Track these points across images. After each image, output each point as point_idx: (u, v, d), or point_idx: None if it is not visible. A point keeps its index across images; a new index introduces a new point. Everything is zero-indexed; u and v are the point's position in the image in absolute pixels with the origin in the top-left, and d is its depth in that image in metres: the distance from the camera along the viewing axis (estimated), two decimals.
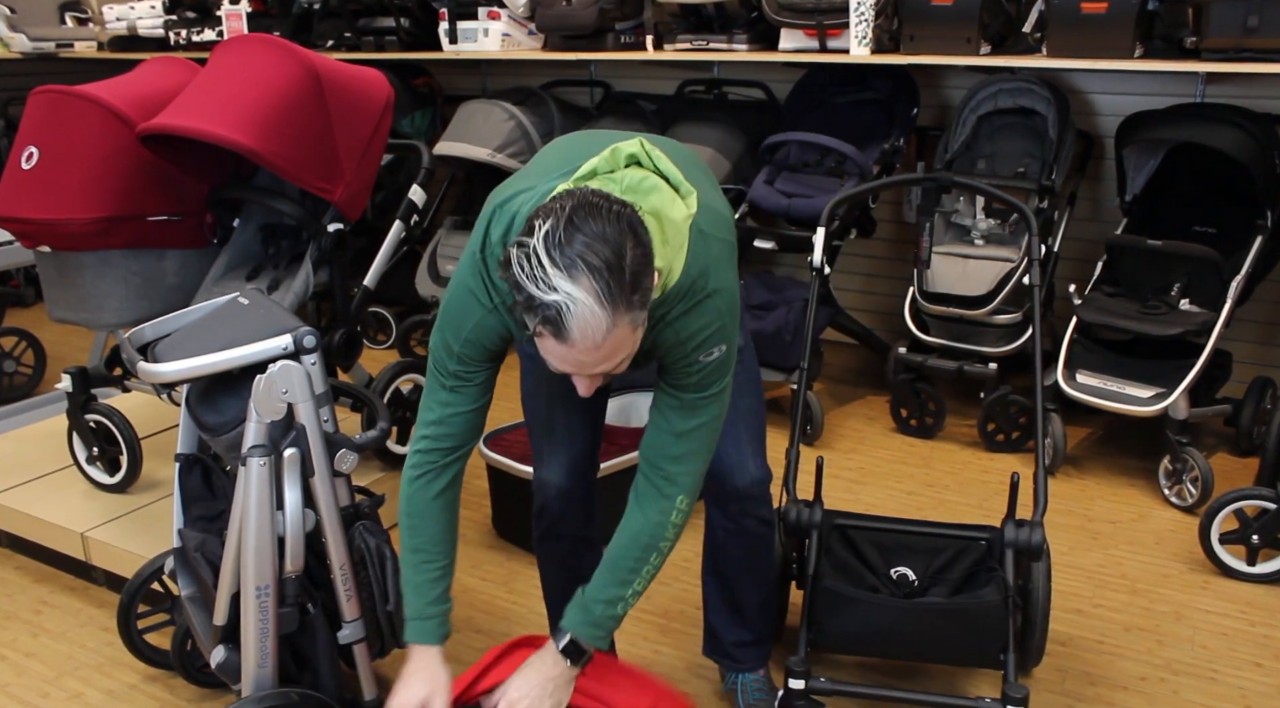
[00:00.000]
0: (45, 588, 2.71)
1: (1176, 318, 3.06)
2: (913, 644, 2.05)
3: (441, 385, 1.67)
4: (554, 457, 1.94)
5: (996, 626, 1.97)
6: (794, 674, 1.96)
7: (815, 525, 2.15)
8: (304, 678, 1.98)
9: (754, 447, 1.92)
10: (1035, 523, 2.07)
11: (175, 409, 3.24)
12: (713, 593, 2.10)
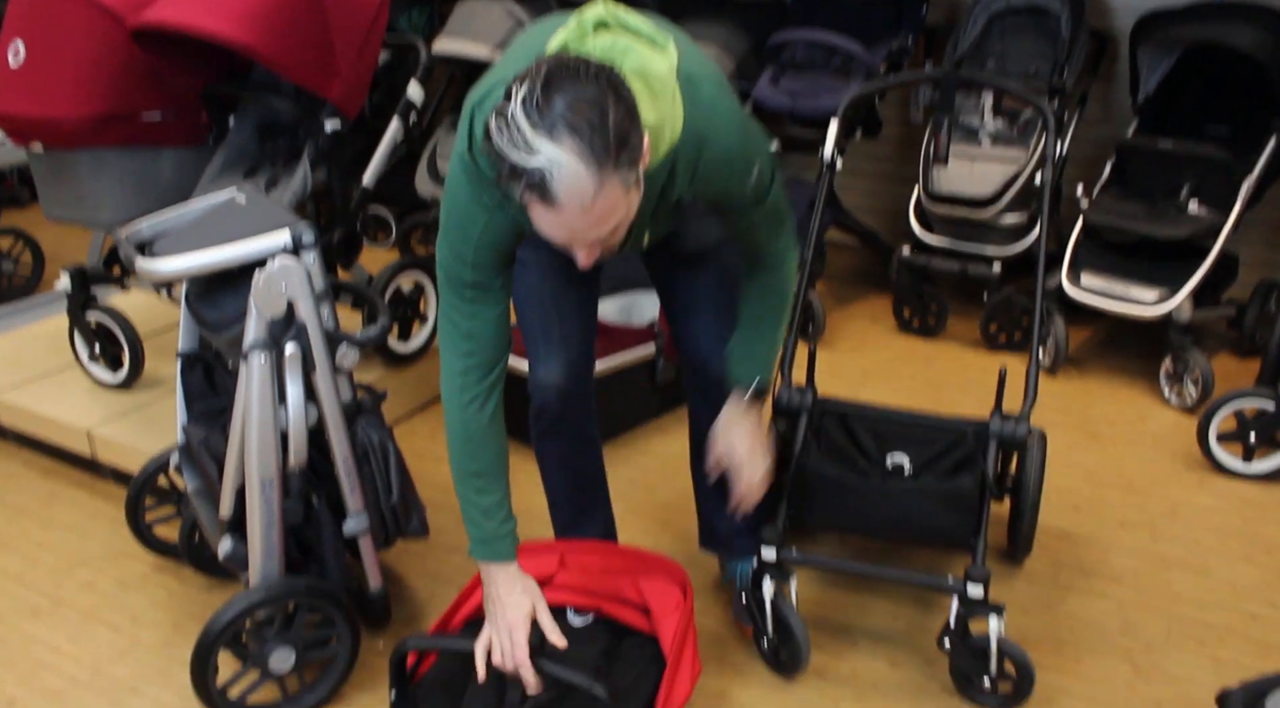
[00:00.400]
0: (53, 482, 2.75)
1: (1184, 220, 3.03)
2: (888, 525, 2.08)
3: (462, 298, 1.61)
4: (551, 357, 1.93)
5: (968, 510, 1.99)
6: (766, 543, 1.98)
7: (805, 409, 2.18)
8: (310, 569, 2.02)
9: (726, 336, 1.93)
10: (1021, 417, 2.08)
11: (176, 308, 3.24)
12: (703, 485, 2.14)
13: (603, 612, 1.95)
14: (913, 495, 2.04)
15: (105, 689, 2.01)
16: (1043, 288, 2.20)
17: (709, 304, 1.95)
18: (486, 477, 1.67)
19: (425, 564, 2.39)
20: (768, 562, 1.99)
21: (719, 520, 2.16)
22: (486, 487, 1.67)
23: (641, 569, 1.98)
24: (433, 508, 2.59)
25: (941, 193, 3.40)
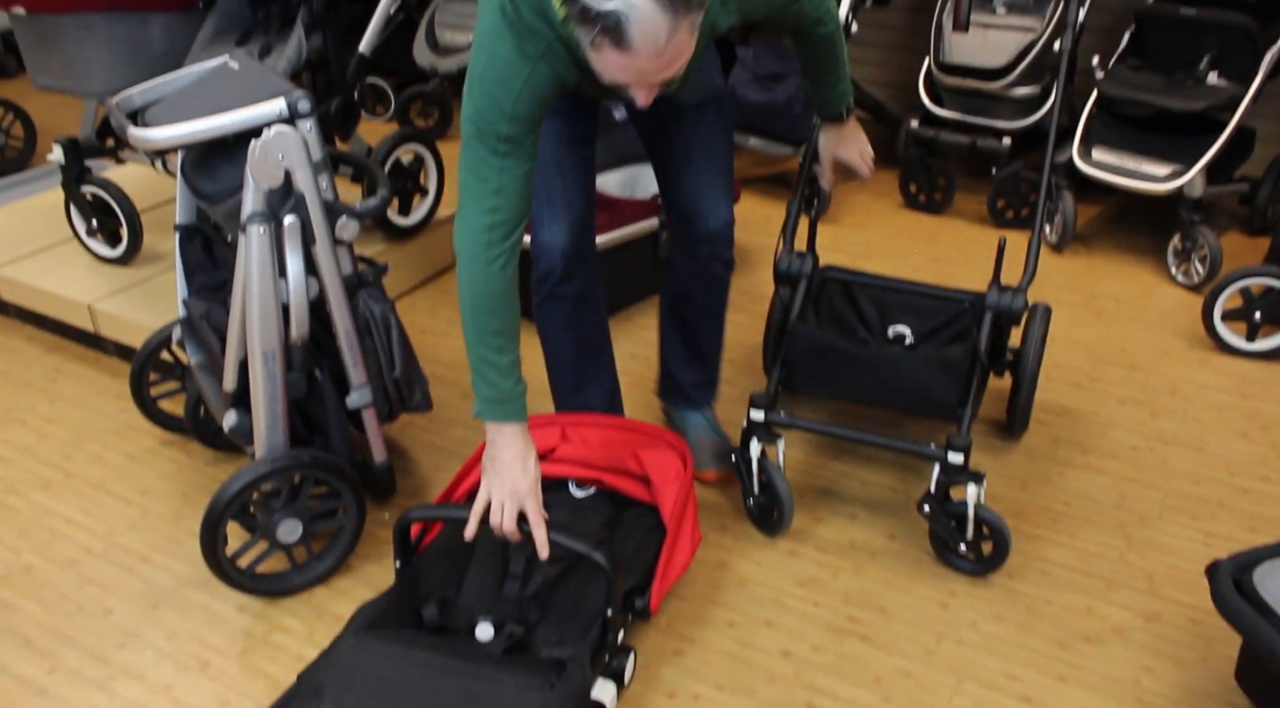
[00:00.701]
0: (58, 358, 2.75)
1: (1202, 92, 2.95)
2: (877, 392, 2.07)
3: (494, 152, 1.58)
4: (555, 220, 1.94)
5: (954, 380, 1.98)
6: (755, 406, 2.00)
7: (805, 275, 2.19)
8: (315, 442, 2.03)
9: (725, 193, 2.03)
10: (1019, 289, 2.05)
11: (172, 181, 3.20)
12: (672, 337, 2.24)
13: (604, 484, 1.98)
14: (902, 363, 2.04)
15: (118, 559, 2.05)
16: (1052, 158, 2.16)
17: (705, 155, 1.97)
18: (505, 336, 1.66)
19: (429, 438, 2.41)
20: (756, 423, 2.01)
21: (681, 373, 2.26)
22: (505, 346, 1.66)
23: (642, 441, 2.01)
24: (436, 382, 2.61)
25: (953, 64, 3.31)
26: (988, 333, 2.05)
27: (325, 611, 1.92)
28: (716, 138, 1.98)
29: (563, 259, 1.96)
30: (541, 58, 1.53)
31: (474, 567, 1.84)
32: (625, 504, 1.97)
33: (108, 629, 1.88)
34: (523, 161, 1.60)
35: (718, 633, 1.86)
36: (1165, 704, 1.71)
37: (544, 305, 2.04)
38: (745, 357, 2.72)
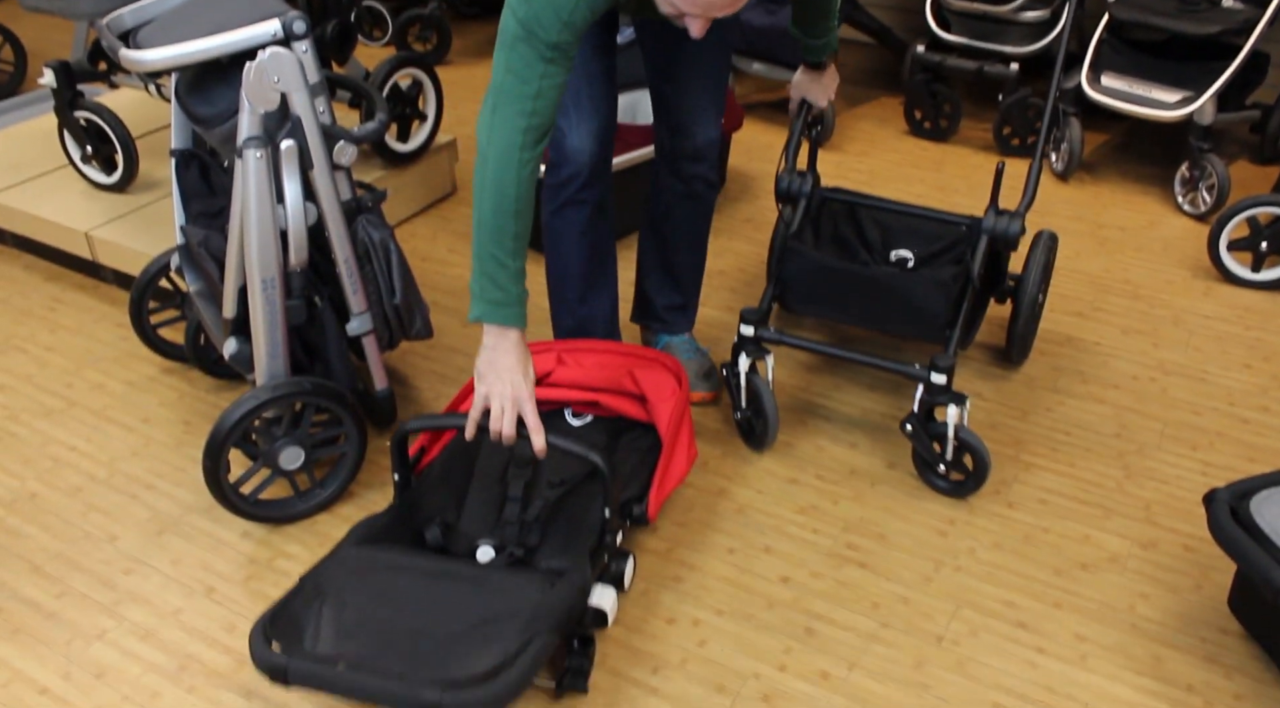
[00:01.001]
0: (56, 286, 2.74)
1: (1216, 15, 2.89)
2: (867, 312, 2.08)
3: (541, 58, 1.57)
4: (583, 125, 1.95)
5: (942, 300, 1.98)
6: (745, 321, 2.03)
7: (805, 195, 2.19)
8: (316, 369, 2.03)
9: (715, 110, 2.05)
10: (1016, 214, 2.03)
11: (167, 108, 3.15)
12: (650, 259, 2.25)
13: (601, 406, 2.00)
14: (892, 281, 2.03)
15: (122, 486, 2.06)
16: (1059, 82, 2.14)
17: (700, 73, 1.99)
18: (520, 241, 1.66)
19: (430, 365, 2.41)
20: (745, 337, 2.03)
21: (657, 295, 2.28)
22: (518, 251, 1.66)
23: (638, 363, 2.03)
24: (436, 310, 2.60)
25: None
26: (982, 257, 2.04)
27: (329, 537, 1.93)
28: (715, 58, 1.99)
29: (589, 164, 1.97)
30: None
31: (473, 492, 1.86)
32: (622, 429, 1.99)
33: (114, 555, 1.90)
34: (564, 70, 1.61)
35: (717, 559, 1.88)
36: (1159, 630, 1.74)
37: (562, 211, 2.04)
38: (746, 284, 2.70)
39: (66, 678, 1.66)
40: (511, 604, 1.54)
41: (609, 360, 2.04)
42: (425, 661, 1.46)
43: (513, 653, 1.44)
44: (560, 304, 2.17)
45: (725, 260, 2.81)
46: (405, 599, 1.56)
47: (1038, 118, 3.30)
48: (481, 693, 1.37)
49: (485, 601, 1.55)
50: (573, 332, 2.18)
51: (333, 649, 1.47)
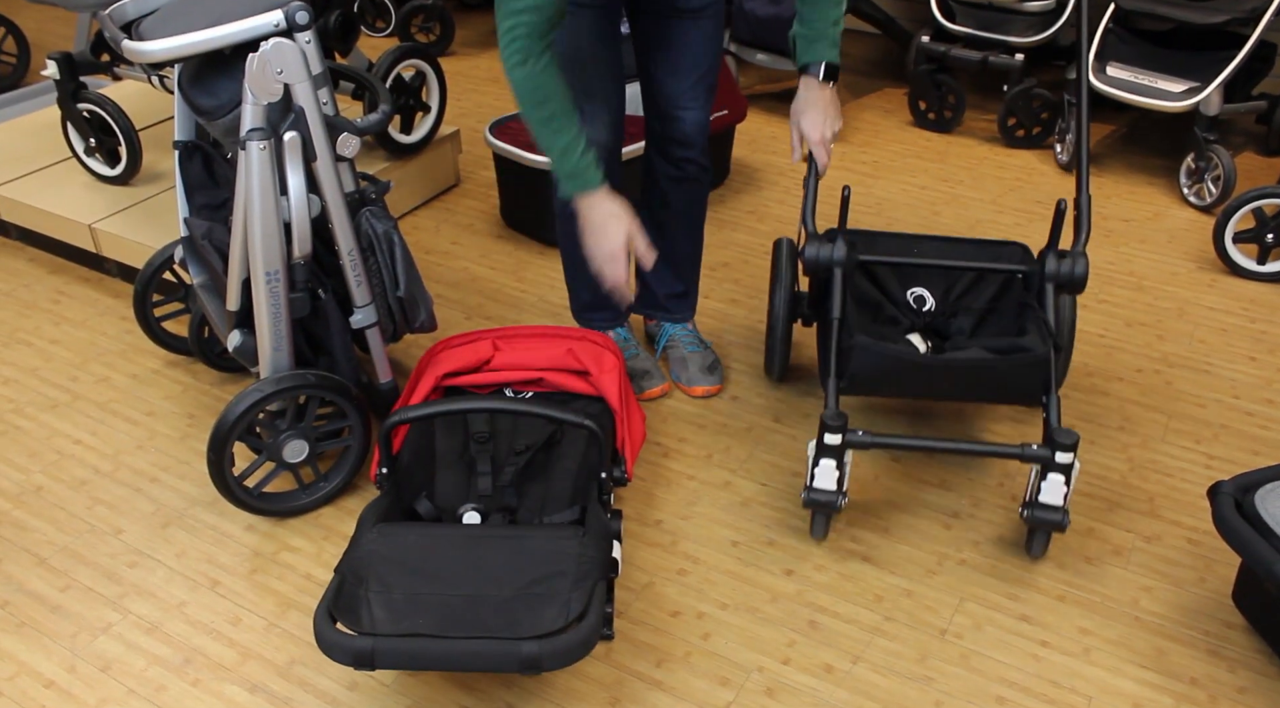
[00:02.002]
0: (60, 279, 2.74)
1: (1223, 5, 2.88)
2: (948, 392, 1.94)
3: None
4: (596, 117, 1.97)
5: (1040, 374, 1.83)
6: (830, 429, 1.77)
7: (839, 263, 1.96)
8: (320, 362, 2.03)
9: (706, 98, 2.05)
10: (1078, 253, 1.89)
11: (171, 100, 3.14)
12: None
13: (544, 382, 2.06)
14: (990, 367, 1.86)
15: (127, 479, 2.07)
16: (1084, 79, 1.98)
17: (692, 58, 1.99)
18: (558, 120, 1.71)
19: None
20: (829, 446, 1.79)
21: (658, 284, 2.29)
22: (561, 127, 1.71)
23: (573, 341, 2.09)
24: (440, 303, 2.60)
25: None
26: (1052, 306, 1.91)
27: (333, 530, 1.94)
28: (707, 43, 1.99)
29: (604, 155, 1.97)
30: None
31: (440, 471, 1.91)
32: (569, 399, 2.05)
33: (119, 549, 1.90)
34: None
35: (721, 552, 1.88)
36: (1162, 624, 1.74)
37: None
38: (750, 275, 2.70)
39: (72, 671, 1.67)
40: (555, 560, 1.58)
41: (545, 342, 2.10)
42: (495, 625, 1.48)
43: (580, 603, 1.50)
44: (577, 281, 2.24)
45: (729, 252, 2.80)
46: (448, 571, 1.58)
47: (1043, 108, 3.29)
48: (573, 638, 1.44)
49: (528, 560, 1.59)
50: (590, 305, 2.26)
51: (393, 630, 1.48)
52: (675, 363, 2.31)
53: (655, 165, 2.15)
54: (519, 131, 2.79)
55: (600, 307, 2.25)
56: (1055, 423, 1.82)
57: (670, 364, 2.33)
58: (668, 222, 2.21)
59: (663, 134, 2.08)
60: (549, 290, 2.65)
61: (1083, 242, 1.92)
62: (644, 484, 2.04)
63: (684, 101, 2.03)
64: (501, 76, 4.02)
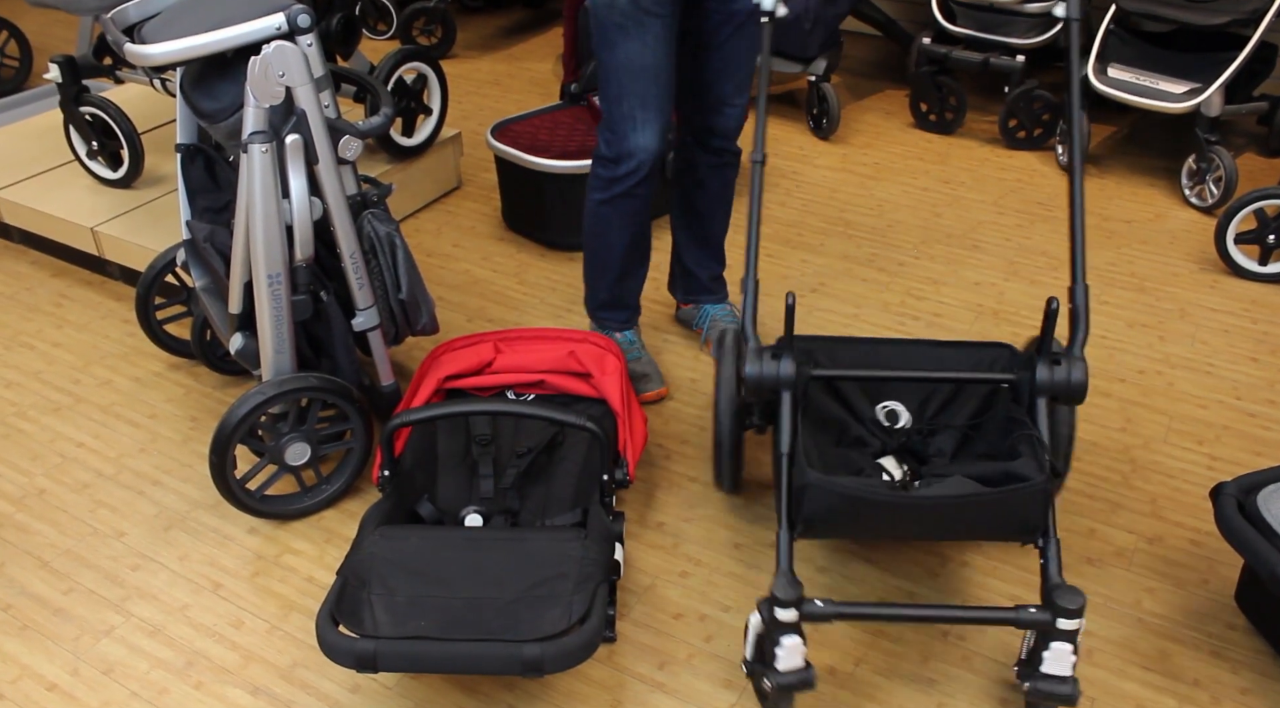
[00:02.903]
0: (63, 282, 2.74)
1: (1224, 6, 2.88)
2: (925, 531, 1.68)
3: None
4: (649, 123, 2.00)
5: (1036, 509, 1.52)
6: (781, 604, 1.46)
7: (787, 384, 1.65)
8: (322, 365, 2.03)
9: (746, 93, 2.14)
10: (1075, 358, 1.61)
11: (173, 102, 3.14)
12: (687, 236, 2.36)
13: (545, 385, 2.07)
14: (978, 501, 1.54)
15: (129, 482, 2.07)
16: (1074, 82, 1.83)
17: (740, 60, 2.07)
18: None
19: None
20: (784, 624, 1.47)
21: (698, 267, 2.38)
22: None
23: (574, 343, 2.10)
24: (442, 305, 2.60)
25: None
26: (1046, 421, 1.62)
27: (335, 533, 1.94)
28: (751, 46, 2.07)
29: (650, 162, 2.03)
30: None
31: (441, 473, 1.92)
32: (570, 403, 2.06)
33: (121, 551, 1.90)
34: None
35: (724, 555, 1.88)
36: (1165, 625, 1.74)
37: (614, 201, 2.08)
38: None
39: (74, 674, 1.67)
40: (556, 562, 1.58)
41: (546, 344, 2.11)
42: (497, 628, 1.48)
43: (582, 605, 1.50)
44: (598, 280, 2.25)
45: (730, 255, 2.79)
46: (450, 574, 1.58)
47: (1044, 110, 3.29)
48: (575, 641, 1.45)
49: (529, 562, 1.59)
50: (606, 304, 2.28)
51: (395, 633, 1.48)
52: (709, 335, 2.40)
53: (694, 156, 2.22)
54: (520, 134, 2.80)
55: (616, 306, 2.28)
56: (1056, 576, 1.50)
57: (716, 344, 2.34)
58: (705, 207, 2.30)
59: (707, 128, 2.16)
60: (550, 293, 2.65)
61: (1080, 342, 1.63)
62: (646, 486, 2.04)
63: (733, 99, 2.12)
64: (503, 79, 4.04)
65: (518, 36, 4.48)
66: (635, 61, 1.93)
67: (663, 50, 1.94)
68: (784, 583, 1.46)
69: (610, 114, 2.01)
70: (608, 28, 1.92)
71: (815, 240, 2.88)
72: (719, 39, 2.02)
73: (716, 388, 1.86)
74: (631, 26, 1.90)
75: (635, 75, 1.94)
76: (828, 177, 3.20)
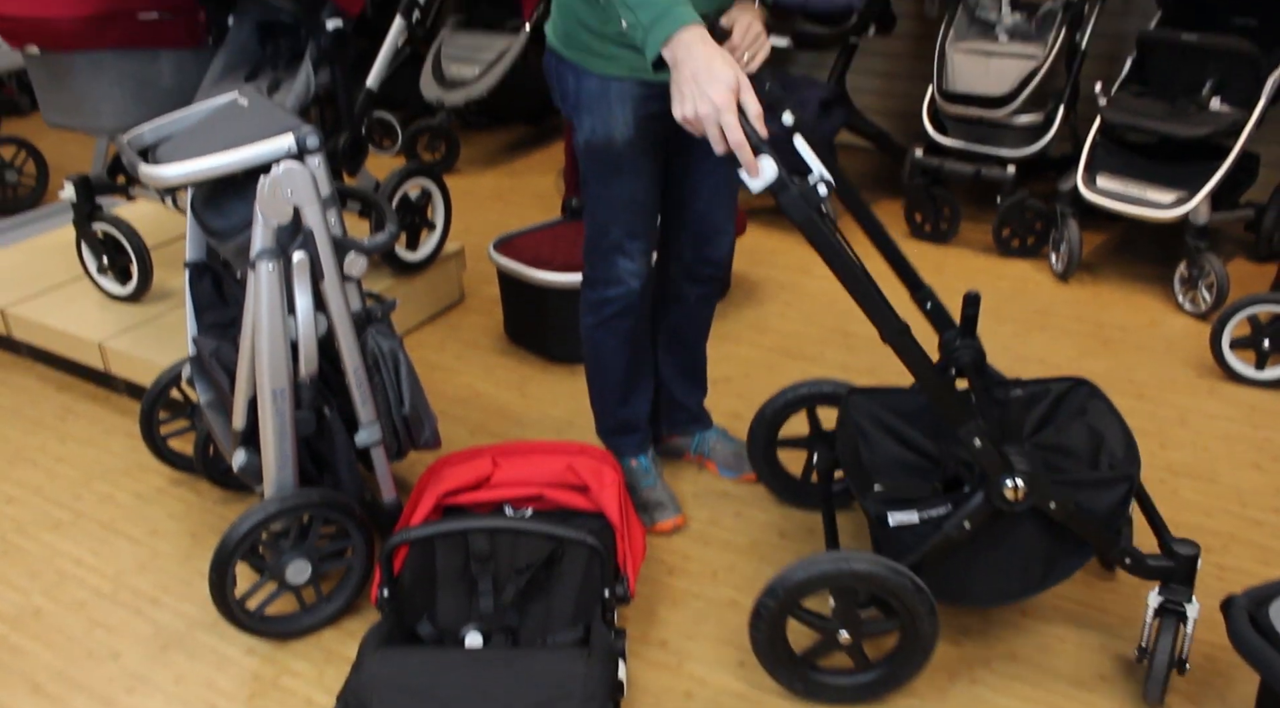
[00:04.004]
0: (68, 396, 2.76)
1: (1206, 118, 2.96)
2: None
3: None
4: (637, 251, 2.00)
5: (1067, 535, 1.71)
6: None
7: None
8: (325, 480, 2.03)
9: (734, 216, 2.13)
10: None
11: (183, 219, 3.21)
12: (674, 369, 2.30)
13: (544, 499, 2.06)
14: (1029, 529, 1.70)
15: (127, 600, 2.05)
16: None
17: (731, 188, 2.06)
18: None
19: None
20: None
21: (687, 398, 2.34)
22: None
23: (570, 456, 2.10)
24: (444, 419, 2.61)
25: (956, 92, 3.32)
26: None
27: (334, 653, 1.91)
28: (733, 183, 2.06)
29: (641, 284, 2.04)
30: None
31: (441, 592, 1.90)
32: (568, 517, 2.05)
33: (116, 673, 1.87)
34: None
35: (728, 673, 1.85)
36: None
37: (609, 323, 2.08)
38: (751, 389, 2.71)
39: None
40: (559, 682, 1.57)
41: (544, 458, 2.11)
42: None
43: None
44: (604, 404, 2.22)
45: (730, 366, 2.82)
46: (453, 696, 1.56)
47: (1036, 219, 3.36)
48: None
49: (532, 682, 1.57)
50: (614, 432, 2.24)
51: None
52: (727, 460, 2.37)
53: (681, 287, 2.19)
54: (522, 248, 2.85)
55: (626, 430, 2.23)
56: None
57: (719, 463, 2.37)
58: (693, 336, 2.27)
59: (701, 259, 2.14)
60: (552, 406, 2.66)
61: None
62: (647, 602, 2.02)
63: (725, 226, 2.11)
64: (505, 193, 4.12)
65: (519, 152, 4.59)
66: (628, 196, 1.94)
67: (655, 185, 1.96)
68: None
69: (598, 243, 2.01)
70: (603, 165, 1.91)
71: (814, 350, 2.90)
72: (709, 166, 2.01)
73: None
74: (627, 165, 1.90)
75: (626, 208, 1.95)
76: (826, 287, 3.24)
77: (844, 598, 1.68)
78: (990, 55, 3.31)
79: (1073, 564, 1.75)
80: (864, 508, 1.76)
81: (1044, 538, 1.71)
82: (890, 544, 1.72)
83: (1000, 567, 1.74)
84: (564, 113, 1.93)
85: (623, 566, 1.87)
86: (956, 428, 1.64)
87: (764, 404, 2.18)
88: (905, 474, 1.88)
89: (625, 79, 1.82)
